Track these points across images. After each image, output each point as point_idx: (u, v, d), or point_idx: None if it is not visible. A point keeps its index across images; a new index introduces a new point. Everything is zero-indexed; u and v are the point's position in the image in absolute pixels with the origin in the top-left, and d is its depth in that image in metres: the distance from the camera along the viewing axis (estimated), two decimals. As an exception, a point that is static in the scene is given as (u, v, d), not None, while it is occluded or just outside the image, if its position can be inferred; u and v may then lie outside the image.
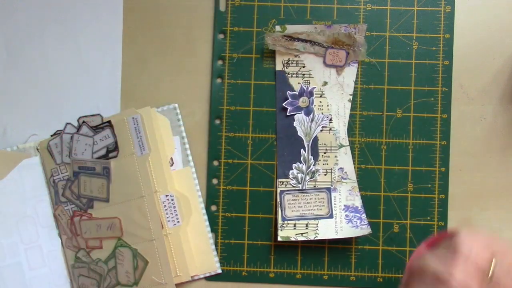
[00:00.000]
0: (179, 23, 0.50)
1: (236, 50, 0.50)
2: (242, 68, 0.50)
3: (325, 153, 0.49)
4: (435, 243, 0.41)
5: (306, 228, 0.48)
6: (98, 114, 0.47)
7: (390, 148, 0.49)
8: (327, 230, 0.47)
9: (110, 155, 0.47)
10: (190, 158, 0.48)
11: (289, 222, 0.48)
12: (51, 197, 0.48)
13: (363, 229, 0.47)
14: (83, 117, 0.48)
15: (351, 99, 0.49)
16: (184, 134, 0.48)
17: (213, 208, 0.49)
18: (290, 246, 0.49)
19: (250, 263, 0.49)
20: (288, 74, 0.49)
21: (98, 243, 0.47)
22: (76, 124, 0.48)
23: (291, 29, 0.49)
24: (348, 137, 0.49)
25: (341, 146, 0.49)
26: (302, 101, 0.49)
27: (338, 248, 0.49)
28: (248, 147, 0.49)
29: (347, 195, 0.48)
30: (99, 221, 0.47)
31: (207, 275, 0.48)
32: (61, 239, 0.48)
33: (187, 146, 0.48)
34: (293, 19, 0.50)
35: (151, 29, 0.50)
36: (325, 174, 0.49)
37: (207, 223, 0.48)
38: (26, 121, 0.49)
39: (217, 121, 0.49)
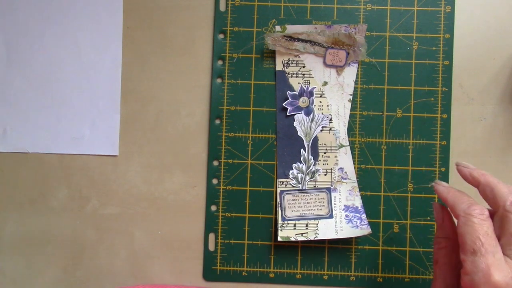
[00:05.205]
0: (179, 23, 0.50)
1: (236, 50, 0.50)
2: (242, 68, 0.50)
3: (325, 153, 0.49)
4: None
5: (306, 228, 0.48)
6: None
7: (390, 148, 0.49)
8: (327, 230, 0.47)
9: None
10: None
11: (289, 222, 0.48)
12: None
13: (363, 229, 0.47)
14: None
15: (351, 99, 0.49)
16: None
17: (213, 208, 0.49)
18: (290, 246, 0.49)
19: (250, 263, 0.49)
20: (288, 74, 0.49)
21: None
22: None
23: (291, 29, 0.49)
24: (348, 137, 0.49)
25: (341, 146, 0.49)
26: (302, 101, 0.49)
27: (338, 248, 0.49)
28: (248, 147, 0.49)
29: (347, 195, 0.48)
30: None
31: None
32: None
33: None
34: (293, 19, 0.50)
35: (151, 29, 0.50)
36: (325, 174, 0.49)
37: None
38: (26, 121, 0.49)
39: (217, 121, 0.49)
